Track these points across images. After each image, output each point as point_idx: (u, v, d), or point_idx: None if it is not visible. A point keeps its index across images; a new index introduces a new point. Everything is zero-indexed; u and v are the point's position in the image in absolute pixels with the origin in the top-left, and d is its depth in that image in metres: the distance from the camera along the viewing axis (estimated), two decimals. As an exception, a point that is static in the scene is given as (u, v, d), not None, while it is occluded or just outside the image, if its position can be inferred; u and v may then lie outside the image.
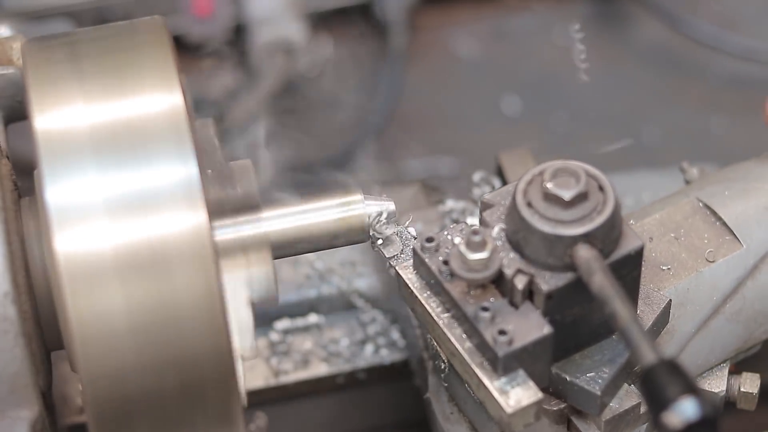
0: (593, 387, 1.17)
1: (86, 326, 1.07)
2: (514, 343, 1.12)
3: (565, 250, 1.12)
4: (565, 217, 1.12)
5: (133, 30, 1.18)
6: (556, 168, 1.14)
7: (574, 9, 2.10)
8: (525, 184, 1.15)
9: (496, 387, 1.13)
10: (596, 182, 1.15)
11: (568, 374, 1.18)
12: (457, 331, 1.16)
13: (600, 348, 1.19)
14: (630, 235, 1.16)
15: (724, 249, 1.28)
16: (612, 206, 1.13)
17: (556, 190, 1.13)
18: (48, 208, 1.08)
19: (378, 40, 2.02)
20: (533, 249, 1.13)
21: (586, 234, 1.12)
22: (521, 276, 1.14)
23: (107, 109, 1.11)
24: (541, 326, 1.13)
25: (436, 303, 1.18)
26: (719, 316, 1.28)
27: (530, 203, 1.14)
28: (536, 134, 1.95)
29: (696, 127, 1.96)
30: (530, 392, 1.13)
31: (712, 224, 1.30)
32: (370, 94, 1.97)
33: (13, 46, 1.24)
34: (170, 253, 1.07)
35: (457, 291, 1.16)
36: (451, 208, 1.47)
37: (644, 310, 1.21)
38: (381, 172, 1.92)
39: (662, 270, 1.26)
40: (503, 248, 1.15)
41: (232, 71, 1.96)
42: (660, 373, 1.03)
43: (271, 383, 1.49)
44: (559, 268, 1.13)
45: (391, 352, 1.50)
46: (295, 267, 1.52)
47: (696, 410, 1.00)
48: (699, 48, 2.00)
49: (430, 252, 1.18)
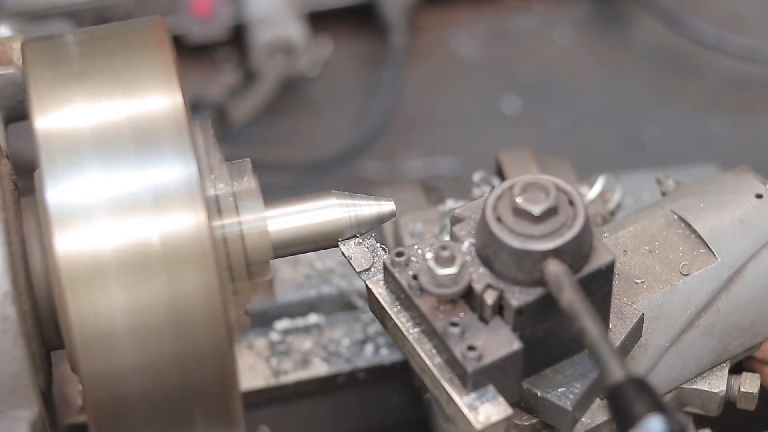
0: (564, 402, 1.16)
1: (86, 326, 1.07)
2: (483, 359, 1.11)
3: (534, 265, 1.11)
4: (535, 232, 1.11)
5: (133, 30, 1.18)
6: (526, 182, 1.13)
7: (574, 9, 2.10)
8: (494, 198, 1.14)
9: (465, 403, 1.12)
10: (566, 197, 1.13)
11: (539, 389, 1.17)
12: (427, 347, 1.15)
13: (572, 363, 1.18)
14: (601, 249, 1.14)
15: (698, 262, 1.27)
16: (582, 221, 1.12)
17: (526, 204, 1.12)
18: (48, 208, 1.08)
19: (378, 40, 2.02)
20: (503, 264, 1.12)
21: (556, 249, 1.11)
22: (491, 291, 1.13)
23: (107, 109, 1.11)
24: (510, 342, 1.12)
25: (406, 318, 1.17)
26: (693, 330, 1.27)
27: (500, 218, 1.13)
28: (536, 134, 1.95)
29: (696, 127, 1.96)
30: (500, 408, 1.12)
31: (686, 237, 1.29)
32: (370, 94, 1.97)
33: (13, 46, 1.24)
34: (170, 253, 1.07)
35: (426, 306, 1.15)
36: (451, 208, 1.47)
37: (616, 324, 1.20)
38: (381, 172, 1.92)
39: (636, 283, 1.25)
40: (473, 263, 1.14)
41: (232, 71, 1.96)
42: (627, 390, 1.02)
43: (271, 383, 1.48)
44: (528, 284, 1.12)
45: (391, 352, 1.50)
46: (295, 267, 1.52)
47: (663, 427, 1.00)
48: (699, 48, 2.00)
49: (400, 266, 1.17)
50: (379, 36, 2.02)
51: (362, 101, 1.98)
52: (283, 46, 1.93)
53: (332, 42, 2.05)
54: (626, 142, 1.94)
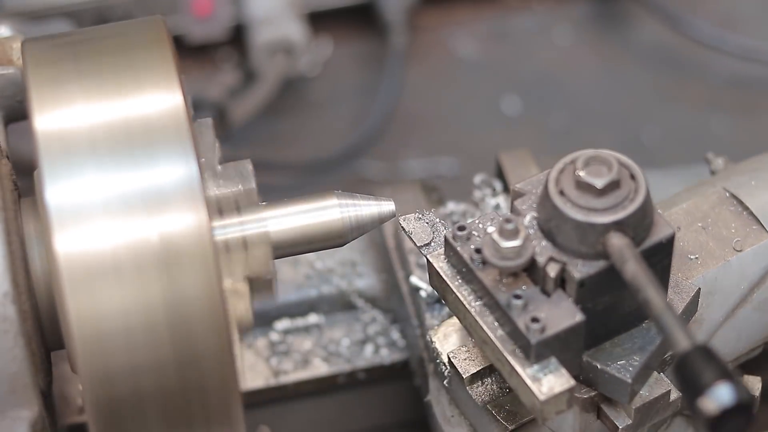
0: (624, 375, 1.17)
1: (86, 326, 1.07)
2: (546, 331, 1.13)
3: (597, 238, 1.12)
4: (598, 205, 1.13)
5: (133, 30, 1.18)
6: (588, 156, 1.15)
7: (574, 9, 2.10)
8: (557, 172, 1.15)
9: (528, 374, 1.13)
10: (628, 171, 1.15)
11: (599, 362, 1.18)
12: (489, 319, 1.16)
13: (630, 336, 1.19)
14: (661, 223, 1.16)
15: (751, 238, 1.29)
16: (644, 194, 1.13)
17: (589, 178, 1.13)
18: (48, 208, 1.08)
19: (378, 40, 2.02)
20: (565, 237, 1.13)
21: (619, 222, 1.12)
22: (553, 264, 1.14)
23: (107, 108, 1.11)
24: (573, 314, 1.13)
25: (467, 291, 1.18)
26: (747, 305, 1.29)
27: (562, 191, 1.14)
28: (536, 134, 1.95)
29: (696, 127, 1.96)
30: (563, 380, 1.13)
31: (738, 214, 1.30)
32: (370, 94, 1.97)
33: (13, 46, 1.24)
34: (170, 252, 1.07)
35: (489, 279, 1.16)
36: (451, 210, 1.47)
37: (673, 298, 1.21)
38: (381, 172, 1.92)
39: (690, 259, 1.27)
40: (535, 236, 1.15)
41: (232, 71, 1.96)
42: (694, 359, 1.03)
43: (271, 383, 1.49)
44: (591, 256, 1.13)
45: (391, 352, 1.50)
46: (295, 267, 1.52)
47: (732, 396, 1.00)
48: (699, 48, 2.00)
49: (462, 240, 1.18)
50: (379, 36, 2.02)
51: (362, 101, 1.98)
52: (283, 46, 1.93)
53: (332, 42, 2.05)
54: (626, 142, 1.94)
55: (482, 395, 1.23)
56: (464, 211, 1.46)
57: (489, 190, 1.47)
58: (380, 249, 1.51)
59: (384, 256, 1.50)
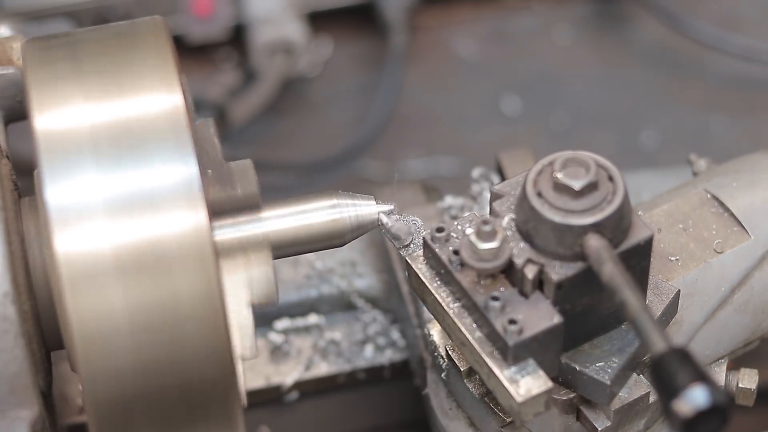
0: (603, 377, 1.17)
1: (86, 326, 1.07)
2: (524, 333, 1.13)
3: (575, 239, 1.12)
4: (575, 206, 1.13)
5: (133, 30, 1.18)
6: (566, 158, 1.15)
7: (574, 9, 2.10)
8: (535, 174, 1.15)
9: (506, 376, 1.14)
10: (606, 172, 1.15)
11: (577, 364, 1.18)
12: (467, 321, 1.16)
13: (609, 338, 1.20)
14: (639, 225, 1.16)
15: (732, 240, 1.29)
16: (622, 196, 1.14)
17: (566, 179, 1.13)
18: (48, 208, 1.08)
19: (378, 40, 2.02)
20: (543, 238, 1.13)
21: (597, 223, 1.12)
22: (531, 265, 1.14)
23: (107, 108, 1.11)
24: (551, 316, 1.14)
25: (446, 293, 1.18)
26: (727, 307, 1.29)
27: (540, 193, 1.14)
28: (536, 134, 1.95)
29: (696, 127, 1.96)
30: (540, 381, 1.13)
31: (720, 215, 1.30)
32: (370, 94, 1.97)
33: (13, 46, 1.24)
34: (170, 253, 1.07)
35: (467, 280, 1.16)
36: (449, 204, 1.47)
37: (653, 300, 1.21)
38: (381, 172, 1.92)
39: (670, 261, 1.27)
40: (513, 238, 1.15)
41: (232, 71, 1.96)
42: (670, 361, 1.03)
43: (271, 383, 1.49)
44: (569, 258, 1.13)
45: (391, 352, 1.50)
46: (295, 267, 1.52)
47: (707, 398, 1.00)
48: (699, 48, 2.00)
49: (440, 242, 1.18)
50: (379, 36, 2.02)
51: (362, 101, 1.98)
52: (283, 46, 1.93)
53: (332, 42, 2.05)
54: (626, 141, 1.94)
55: (480, 388, 1.23)
56: (462, 206, 1.47)
57: (487, 184, 1.47)
58: (380, 249, 1.52)
59: (384, 256, 1.50)
